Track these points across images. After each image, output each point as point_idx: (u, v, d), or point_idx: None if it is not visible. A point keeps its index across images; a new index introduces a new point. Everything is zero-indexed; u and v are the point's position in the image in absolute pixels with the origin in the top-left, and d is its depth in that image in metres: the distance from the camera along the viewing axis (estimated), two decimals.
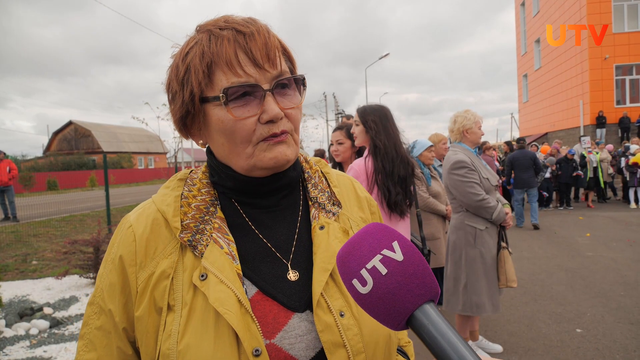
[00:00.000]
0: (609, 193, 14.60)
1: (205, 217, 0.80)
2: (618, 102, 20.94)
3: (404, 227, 2.89)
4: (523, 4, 29.59)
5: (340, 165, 3.58)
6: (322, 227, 0.83)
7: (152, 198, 0.85)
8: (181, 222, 0.78)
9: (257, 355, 0.68)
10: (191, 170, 0.90)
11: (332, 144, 3.53)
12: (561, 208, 13.01)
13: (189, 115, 0.81)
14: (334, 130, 3.53)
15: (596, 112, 20.30)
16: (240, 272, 0.75)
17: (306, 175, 0.93)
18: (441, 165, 4.78)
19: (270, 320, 0.73)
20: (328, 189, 0.92)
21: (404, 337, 1.00)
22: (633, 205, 12.36)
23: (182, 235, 0.77)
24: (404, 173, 2.81)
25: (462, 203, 3.55)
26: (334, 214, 0.87)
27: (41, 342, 4.13)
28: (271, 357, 0.70)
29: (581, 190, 14.13)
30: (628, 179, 12.51)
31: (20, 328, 4.41)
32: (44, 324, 4.50)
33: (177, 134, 10.29)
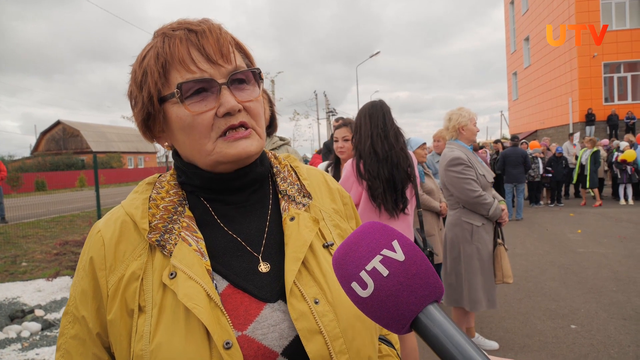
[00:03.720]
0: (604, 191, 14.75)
1: (174, 217, 0.81)
2: (606, 100, 21.21)
3: (401, 227, 2.88)
4: (512, 2, 29.82)
5: (339, 163, 3.50)
6: (292, 219, 0.84)
7: (121, 203, 0.85)
8: (149, 223, 0.79)
9: (228, 348, 0.68)
10: (160, 175, 0.91)
11: (336, 140, 3.44)
12: (552, 205, 13.13)
13: (150, 117, 0.82)
14: (339, 127, 3.45)
15: (585, 110, 20.54)
16: (210, 268, 0.76)
17: (275, 169, 0.94)
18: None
19: (241, 312, 0.74)
20: (298, 182, 0.93)
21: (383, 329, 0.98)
22: (623, 201, 12.52)
23: (150, 235, 0.77)
24: (387, 175, 2.79)
25: (459, 200, 3.56)
26: (304, 205, 0.88)
27: (33, 344, 4.07)
28: (243, 349, 0.70)
29: (572, 187, 14.29)
30: (619, 175, 12.66)
31: (12, 331, 4.33)
32: (35, 326, 4.43)
33: None
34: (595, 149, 12.51)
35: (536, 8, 24.87)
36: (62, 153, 43.92)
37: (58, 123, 48.10)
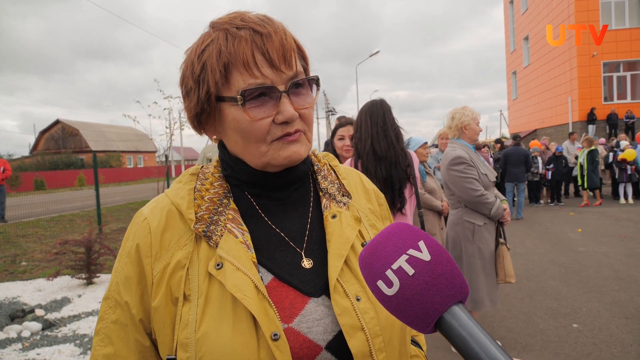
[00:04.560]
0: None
1: (219, 209, 0.82)
2: (606, 99, 21.20)
3: None
4: (512, 2, 29.80)
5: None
6: (334, 216, 0.85)
7: (165, 192, 0.86)
8: (195, 214, 0.80)
9: (275, 339, 0.68)
10: (202, 166, 0.91)
11: (342, 138, 3.42)
12: (552, 204, 13.14)
13: (204, 113, 0.82)
14: (343, 125, 3.44)
15: (584, 109, 20.53)
16: (255, 260, 0.77)
17: (315, 167, 0.94)
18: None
19: (287, 305, 0.74)
20: (337, 181, 0.93)
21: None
22: (622, 200, 12.52)
23: (196, 226, 0.78)
24: (385, 174, 2.78)
25: (460, 199, 3.55)
26: (344, 204, 0.89)
27: (34, 344, 4.05)
28: (289, 341, 0.71)
29: (572, 186, 14.29)
30: (617, 175, 12.66)
31: (12, 331, 4.32)
32: (36, 326, 4.42)
33: (166, 131, 10.17)
34: (592, 147, 12.44)
35: (535, 7, 24.86)
36: (61, 152, 43.85)
37: (57, 122, 48.05)
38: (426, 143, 4.46)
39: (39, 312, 4.85)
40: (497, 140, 13.97)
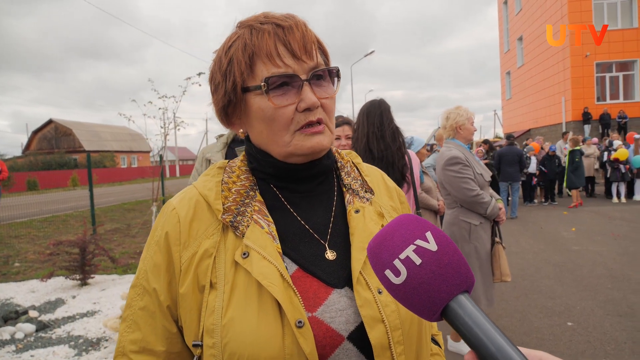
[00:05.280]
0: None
1: (246, 201, 0.85)
2: (598, 99, 21.38)
3: None
4: (506, 2, 29.96)
5: None
6: (357, 211, 0.87)
7: (193, 184, 0.89)
8: (222, 205, 0.83)
9: (300, 327, 0.70)
10: (229, 160, 0.95)
11: (337, 138, 3.41)
12: (546, 203, 13.22)
13: (231, 105, 0.86)
14: (339, 125, 3.43)
15: (578, 109, 20.70)
16: (281, 251, 0.79)
17: (339, 164, 0.97)
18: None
19: (311, 295, 0.76)
20: (360, 177, 0.96)
21: (434, 327, 1.03)
22: (615, 199, 12.62)
23: (224, 216, 0.81)
24: None
25: (456, 199, 3.56)
26: (367, 199, 0.91)
27: (27, 346, 4.02)
28: (313, 329, 0.72)
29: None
30: (609, 174, 12.76)
31: (5, 332, 4.28)
32: (30, 327, 4.38)
33: (161, 131, 10.13)
34: (575, 147, 12.43)
35: (529, 8, 25.01)
36: (54, 152, 43.50)
37: (50, 122, 47.67)
38: (426, 144, 4.48)
39: (33, 313, 4.81)
40: (485, 141, 13.60)
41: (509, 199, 11.18)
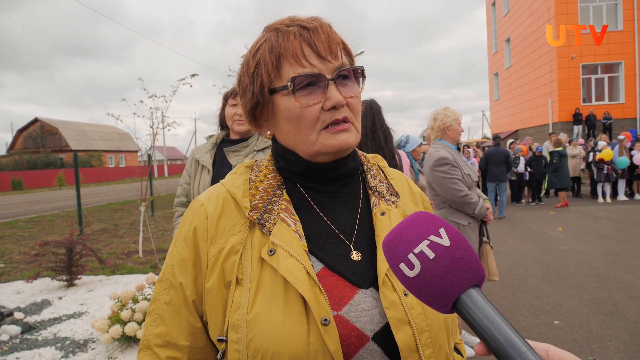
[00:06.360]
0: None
1: (273, 199, 0.86)
2: (584, 100, 21.67)
3: None
4: (494, 4, 30.22)
5: None
6: (383, 213, 0.88)
7: (221, 182, 0.91)
8: (250, 202, 0.84)
9: (325, 324, 0.71)
10: (256, 160, 0.96)
11: None
12: (533, 203, 13.37)
13: (259, 106, 0.87)
14: None
15: (564, 110, 20.97)
16: (307, 249, 0.80)
17: (365, 167, 0.98)
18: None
19: (336, 294, 0.77)
20: (386, 181, 0.97)
21: (457, 335, 1.03)
22: (601, 200, 12.81)
23: (251, 214, 0.82)
24: None
25: (445, 199, 3.58)
26: (393, 202, 0.92)
27: (13, 348, 3.96)
28: (338, 328, 0.73)
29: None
30: (595, 174, 12.95)
31: None
32: (15, 329, 4.31)
33: (150, 131, 10.03)
34: (558, 148, 12.54)
35: (517, 10, 25.26)
36: (39, 151, 42.89)
37: (36, 120, 46.99)
38: (422, 143, 4.51)
39: (18, 315, 4.74)
40: (467, 146, 13.47)
41: (497, 199, 11.29)
